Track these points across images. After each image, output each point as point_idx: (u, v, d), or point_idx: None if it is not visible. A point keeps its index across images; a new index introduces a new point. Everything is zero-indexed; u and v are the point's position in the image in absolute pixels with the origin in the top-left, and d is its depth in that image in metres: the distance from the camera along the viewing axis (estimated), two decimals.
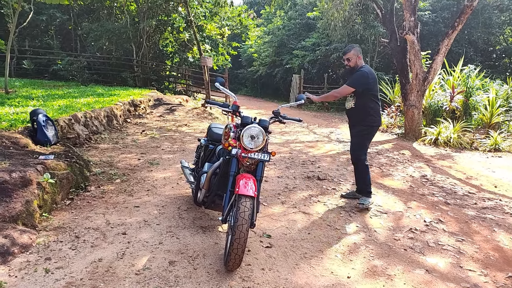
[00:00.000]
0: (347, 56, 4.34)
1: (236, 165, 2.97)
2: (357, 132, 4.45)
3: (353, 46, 4.38)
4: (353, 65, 4.34)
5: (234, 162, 2.96)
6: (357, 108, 4.35)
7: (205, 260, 2.98)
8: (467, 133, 9.09)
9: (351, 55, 4.31)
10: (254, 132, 2.91)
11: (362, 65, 4.34)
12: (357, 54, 4.30)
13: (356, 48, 4.34)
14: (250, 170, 3.01)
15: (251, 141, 2.90)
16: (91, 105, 8.02)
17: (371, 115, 4.33)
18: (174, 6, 16.56)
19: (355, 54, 4.29)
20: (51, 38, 20.42)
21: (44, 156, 4.25)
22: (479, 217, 4.28)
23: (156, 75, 17.99)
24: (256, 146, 2.90)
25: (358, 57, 4.31)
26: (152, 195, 4.43)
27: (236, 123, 3.16)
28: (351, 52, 4.30)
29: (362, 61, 4.39)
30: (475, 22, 19.87)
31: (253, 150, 2.90)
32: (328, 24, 18.95)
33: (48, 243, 3.08)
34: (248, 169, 3.00)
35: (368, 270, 3.00)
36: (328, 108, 19.59)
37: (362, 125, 4.38)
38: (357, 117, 4.40)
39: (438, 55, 9.17)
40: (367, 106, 4.32)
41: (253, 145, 2.90)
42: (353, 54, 4.29)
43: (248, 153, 2.90)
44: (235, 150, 2.93)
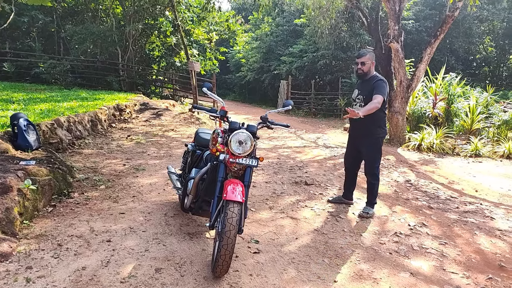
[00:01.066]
0: (362, 59, 4.08)
1: (224, 170, 2.96)
2: (370, 145, 4.24)
3: (368, 50, 4.16)
4: (366, 71, 4.11)
5: (221, 167, 2.95)
6: (366, 119, 3.97)
7: (192, 267, 2.95)
8: (449, 139, 9.29)
9: (367, 59, 4.07)
10: (242, 138, 2.91)
11: (376, 74, 4.17)
12: (372, 59, 4.09)
13: (372, 53, 4.13)
14: (238, 175, 3.00)
15: (239, 146, 2.90)
16: (75, 110, 7.89)
17: (380, 127, 4.21)
18: (161, 10, 16.50)
19: (370, 59, 4.07)
20: (33, 40, 20.04)
21: (25, 162, 4.14)
22: (461, 220, 4.36)
23: (142, 79, 17.83)
24: (244, 152, 2.90)
25: (372, 63, 4.11)
26: (137, 201, 4.37)
27: (224, 129, 3.15)
28: (366, 56, 4.07)
29: (374, 68, 4.19)
30: (456, 31, 20.41)
31: (241, 156, 2.90)
32: (315, 31, 19.18)
33: (29, 252, 3.00)
34: (236, 175, 3.00)
35: (354, 274, 3.02)
36: (315, 114, 19.75)
37: (374, 138, 4.19)
38: (367, 129, 4.16)
39: (421, 63, 9.38)
40: (377, 117, 4.08)
41: (241, 151, 2.89)
42: (369, 58, 4.07)
43: (236, 158, 2.89)
44: (223, 156, 2.92)
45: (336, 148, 8.94)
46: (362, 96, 4.16)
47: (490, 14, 20.58)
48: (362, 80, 4.24)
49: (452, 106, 10.39)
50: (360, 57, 4.09)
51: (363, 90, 4.17)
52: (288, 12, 24.86)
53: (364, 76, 4.16)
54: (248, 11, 32.13)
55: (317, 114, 19.70)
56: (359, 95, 4.21)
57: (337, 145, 9.39)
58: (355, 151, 4.47)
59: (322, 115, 19.48)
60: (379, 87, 4.01)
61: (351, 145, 4.53)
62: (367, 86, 4.13)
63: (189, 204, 3.33)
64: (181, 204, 3.55)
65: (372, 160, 4.30)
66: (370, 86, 4.07)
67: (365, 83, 4.18)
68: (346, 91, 19.06)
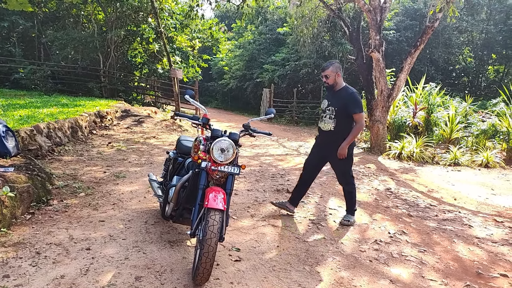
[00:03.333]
0: (325, 73, 4.05)
1: (206, 178, 2.96)
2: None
3: (332, 62, 4.08)
4: (331, 83, 4.08)
5: (203, 175, 2.95)
6: (336, 131, 4.06)
7: (173, 275, 2.92)
8: (429, 148, 9.50)
9: (330, 72, 4.03)
10: (224, 145, 2.92)
11: (346, 85, 4.14)
12: (336, 71, 4.03)
13: (335, 65, 4.06)
14: (220, 183, 3.00)
15: (221, 154, 2.91)
16: (55, 116, 7.75)
17: None
18: (144, 16, 16.44)
19: (334, 71, 4.01)
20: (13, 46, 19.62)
21: (3, 169, 4.05)
22: (440, 228, 4.46)
23: (124, 85, 17.66)
24: (226, 159, 2.91)
25: (338, 74, 4.04)
26: (118, 209, 4.31)
27: (206, 136, 3.15)
28: (329, 69, 4.02)
29: (342, 79, 4.14)
30: (436, 42, 20.96)
31: (223, 163, 2.91)
32: (297, 40, 19.40)
33: (6, 260, 2.92)
34: (218, 182, 3.00)
35: (335, 281, 3.05)
36: (297, 122, 19.92)
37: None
38: (337, 141, 4.08)
39: (402, 72, 9.60)
40: (347, 129, 4.07)
41: (223, 158, 2.90)
42: (332, 71, 4.01)
43: (218, 166, 2.90)
44: (205, 163, 2.92)
45: None
46: (334, 107, 4.08)
47: (469, 25, 21.23)
48: (332, 91, 4.16)
49: (432, 115, 10.65)
50: (323, 70, 4.07)
51: (334, 101, 4.09)
52: (271, 20, 25.12)
53: (332, 88, 4.12)
54: (231, 19, 32.33)
55: (299, 122, 19.89)
56: (330, 106, 4.12)
57: None
58: (320, 160, 4.42)
59: (304, 123, 19.67)
60: (356, 102, 4.00)
61: (317, 154, 4.42)
62: (338, 97, 4.08)
63: (170, 212, 3.31)
64: (162, 212, 3.52)
65: (345, 171, 4.29)
66: (343, 99, 4.04)
67: (336, 95, 4.11)
68: None
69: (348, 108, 4.02)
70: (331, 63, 4.06)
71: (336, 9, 11.72)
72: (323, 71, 4.07)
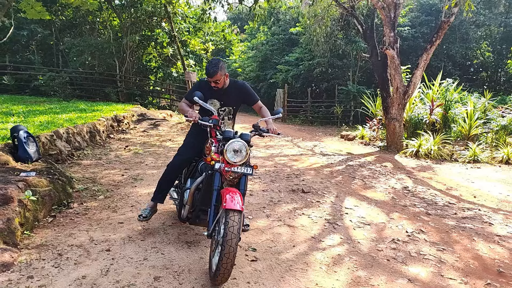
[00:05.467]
0: (215, 78, 3.39)
1: (219, 179, 2.98)
2: None
3: (218, 65, 3.39)
4: (222, 85, 3.50)
5: (217, 176, 2.98)
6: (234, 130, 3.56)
7: (191, 275, 2.97)
8: (447, 145, 9.34)
9: (219, 76, 3.39)
10: (237, 146, 2.94)
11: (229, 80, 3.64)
12: (224, 73, 3.44)
13: (222, 66, 3.43)
14: (233, 184, 3.03)
15: (234, 155, 2.93)
16: (74, 121, 7.94)
17: None
18: (158, 21, 16.67)
19: (223, 74, 3.41)
20: (32, 54, 20.19)
21: (25, 173, 4.18)
22: (459, 226, 4.39)
23: (140, 90, 17.95)
24: (240, 160, 2.93)
25: (226, 76, 3.50)
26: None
27: (218, 138, 3.17)
28: (218, 73, 3.37)
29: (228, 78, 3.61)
30: (453, 37, 20.54)
31: (236, 164, 2.93)
32: (310, 40, 19.34)
33: (30, 261, 3.02)
34: (231, 183, 3.03)
35: (352, 281, 3.04)
36: (311, 121, 19.84)
37: None
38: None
39: (418, 69, 9.46)
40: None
41: (236, 159, 2.93)
42: (221, 74, 3.39)
43: (231, 167, 2.93)
44: (218, 165, 2.95)
45: (333, 155, 8.98)
46: (230, 107, 3.67)
47: (487, 19, 20.73)
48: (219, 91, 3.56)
49: (449, 112, 10.46)
50: (212, 76, 3.38)
51: (228, 100, 3.64)
52: (284, 21, 25.10)
53: (221, 91, 3.57)
54: (243, 20, 32.47)
55: (314, 122, 19.80)
56: (224, 107, 3.64)
57: (334, 153, 9.44)
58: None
59: (318, 122, 19.58)
60: (252, 90, 3.72)
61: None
62: (230, 95, 3.63)
63: (186, 214, 3.36)
64: (178, 215, 3.55)
65: None
66: (238, 95, 3.67)
67: (226, 93, 3.61)
68: (342, 98, 19.17)
69: (249, 99, 3.71)
70: (217, 67, 3.38)
71: (349, 7, 11.65)
72: (212, 77, 3.38)
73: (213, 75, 3.38)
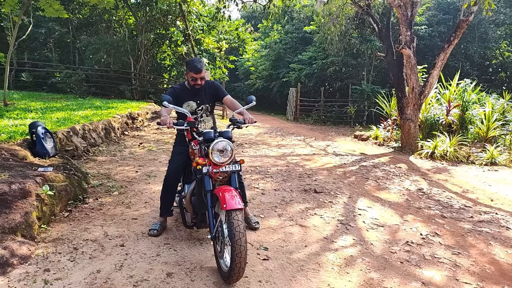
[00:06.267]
0: (202, 74, 3.54)
1: (210, 181, 2.96)
2: None
3: (201, 62, 3.57)
4: (203, 84, 3.66)
5: (207, 180, 2.95)
6: (214, 128, 3.77)
7: (202, 272, 2.98)
8: (463, 147, 9.17)
9: (204, 73, 3.57)
10: (222, 146, 2.92)
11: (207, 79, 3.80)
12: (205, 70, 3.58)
13: (203, 63, 3.64)
14: (224, 182, 3.03)
15: (220, 155, 2.92)
16: (89, 118, 8.06)
17: None
18: (172, 20, 16.79)
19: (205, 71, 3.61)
20: (49, 51, 20.57)
21: (43, 168, 4.27)
22: (475, 230, 4.31)
23: (154, 88, 18.11)
24: (226, 159, 2.92)
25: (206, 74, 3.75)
26: (149, 207, 4.44)
27: (198, 140, 3.11)
28: (203, 70, 3.56)
29: None
30: (471, 36, 20.15)
31: (223, 164, 2.92)
32: (324, 38, 19.22)
33: (47, 255, 3.09)
34: (222, 182, 3.02)
35: (364, 282, 3.02)
36: (324, 121, 19.73)
37: None
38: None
39: (434, 69, 9.31)
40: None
41: (223, 159, 2.92)
42: (205, 71, 3.58)
43: (219, 167, 2.92)
44: (206, 168, 2.92)
45: (346, 156, 8.92)
46: (207, 104, 3.76)
47: (507, 17, 20.24)
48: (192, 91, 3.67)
49: (466, 113, 10.27)
50: (199, 73, 3.51)
51: (203, 99, 3.72)
52: (298, 19, 24.98)
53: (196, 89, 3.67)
54: (257, 19, 32.44)
55: (327, 121, 19.69)
56: (201, 105, 3.72)
57: (347, 153, 9.37)
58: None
59: (331, 122, 19.45)
60: (221, 87, 3.83)
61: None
62: (203, 93, 3.72)
63: (190, 220, 3.37)
64: (183, 222, 3.49)
65: None
66: (210, 92, 3.76)
67: (199, 92, 3.69)
68: (356, 98, 19.00)
69: (219, 95, 3.79)
70: (202, 64, 3.55)
71: (365, 5, 11.52)
72: (200, 73, 3.53)
73: (201, 70, 3.53)
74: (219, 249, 2.87)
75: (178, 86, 3.70)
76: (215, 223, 2.88)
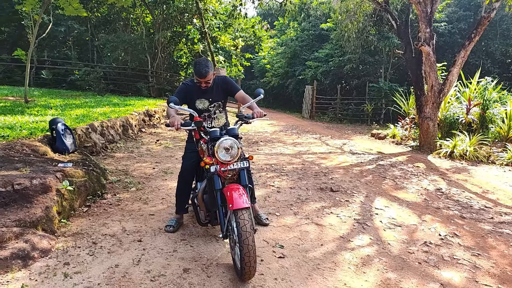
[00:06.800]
0: (207, 78, 3.47)
1: (219, 180, 2.95)
2: None
3: (207, 64, 3.48)
4: (210, 85, 3.59)
5: (216, 179, 2.94)
6: (226, 124, 3.79)
7: (218, 268, 3.00)
8: (483, 146, 8.96)
9: (210, 76, 3.49)
10: (227, 144, 2.91)
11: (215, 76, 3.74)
12: (213, 71, 3.55)
13: (210, 65, 3.53)
14: (234, 180, 3.02)
15: (226, 153, 2.90)
16: (107, 115, 8.19)
17: None
18: (189, 17, 16.89)
19: (212, 73, 3.51)
20: (69, 49, 20.96)
21: (63, 164, 4.35)
22: (496, 231, 4.21)
23: (171, 85, 18.27)
24: (233, 157, 2.91)
25: (214, 74, 3.58)
26: (166, 203, 4.49)
27: (206, 139, 3.11)
28: (210, 73, 3.47)
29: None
30: (493, 33, 19.67)
31: (231, 162, 2.91)
32: (341, 35, 19.03)
33: (66, 249, 3.16)
34: (232, 180, 3.01)
35: (381, 282, 2.98)
36: (341, 119, 19.56)
37: None
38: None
39: (454, 66, 9.11)
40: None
41: (229, 157, 2.91)
42: (211, 74, 3.50)
43: (227, 166, 2.91)
44: (214, 167, 2.92)
45: (363, 154, 8.82)
46: (219, 101, 3.72)
47: None
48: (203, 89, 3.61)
49: (487, 111, 10.03)
50: (204, 77, 3.44)
51: (215, 96, 3.68)
52: (314, 16, 24.81)
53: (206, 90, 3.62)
54: (274, 16, 32.34)
55: (343, 119, 19.51)
56: (213, 103, 3.68)
57: (364, 152, 9.27)
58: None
59: (348, 120, 19.27)
60: (233, 82, 3.75)
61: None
62: (214, 91, 3.67)
63: (204, 217, 3.38)
64: (197, 220, 3.49)
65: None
66: (221, 89, 3.71)
67: (209, 90, 3.65)
68: (373, 96, 18.76)
69: (231, 91, 3.73)
70: (208, 67, 3.47)
71: (383, 2, 11.35)
72: (205, 77, 3.46)
73: (205, 75, 3.44)
74: (232, 246, 2.88)
75: (190, 82, 3.66)
76: (225, 221, 2.89)
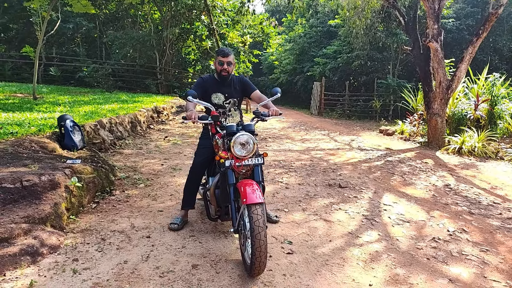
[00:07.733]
0: (229, 59, 3.54)
1: (233, 175, 2.97)
2: None
3: (229, 48, 3.64)
4: (231, 71, 3.63)
5: (230, 173, 2.96)
6: (242, 120, 3.79)
7: (227, 264, 3.02)
8: (492, 142, 8.87)
9: (232, 59, 3.57)
10: (244, 139, 2.91)
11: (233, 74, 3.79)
12: (234, 59, 3.65)
13: (232, 52, 3.67)
14: (247, 175, 3.03)
15: (242, 148, 2.91)
16: (116, 112, 8.24)
17: None
18: (197, 14, 16.88)
19: (233, 59, 3.60)
20: (77, 46, 21.08)
21: (71, 161, 4.39)
22: (504, 227, 4.17)
23: (179, 82, 18.32)
24: (248, 153, 2.91)
25: (234, 63, 3.66)
26: (175, 200, 4.52)
27: (222, 133, 3.13)
28: (231, 55, 3.56)
29: None
30: (501, 29, 19.42)
31: (246, 157, 2.91)
32: (349, 32, 18.91)
33: (75, 245, 3.19)
34: (246, 175, 3.02)
35: (390, 278, 2.98)
36: (349, 115, 19.47)
37: None
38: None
39: (462, 63, 9.02)
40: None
41: (244, 153, 2.91)
42: (233, 58, 3.59)
43: (241, 161, 2.91)
44: (229, 162, 2.93)
45: (371, 150, 8.78)
46: (235, 98, 3.73)
47: None
48: (221, 82, 3.66)
49: (495, 107, 9.92)
50: (227, 56, 3.52)
51: (231, 92, 3.70)
52: (322, 13, 24.65)
53: (227, 78, 3.65)
54: (282, 13, 32.21)
55: (351, 116, 19.41)
56: (230, 98, 3.68)
57: (372, 148, 9.22)
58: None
59: (356, 117, 19.17)
60: (249, 82, 3.80)
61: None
62: (231, 87, 3.70)
63: (214, 213, 3.39)
64: (207, 214, 3.50)
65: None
66: (239, 86, 3.75)
67: (227, 85, 3.69)
68: (382, 92, 18.65)
69: (248, 90, 3.76)
70: (230, 51, 3.58)
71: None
72: (227, 57, 3.53)
73: (228, 55, 3.53)
74: (242, 242, 2.89)
75: (207, 76, 3.71)
76: (237, 216, 2.90)
